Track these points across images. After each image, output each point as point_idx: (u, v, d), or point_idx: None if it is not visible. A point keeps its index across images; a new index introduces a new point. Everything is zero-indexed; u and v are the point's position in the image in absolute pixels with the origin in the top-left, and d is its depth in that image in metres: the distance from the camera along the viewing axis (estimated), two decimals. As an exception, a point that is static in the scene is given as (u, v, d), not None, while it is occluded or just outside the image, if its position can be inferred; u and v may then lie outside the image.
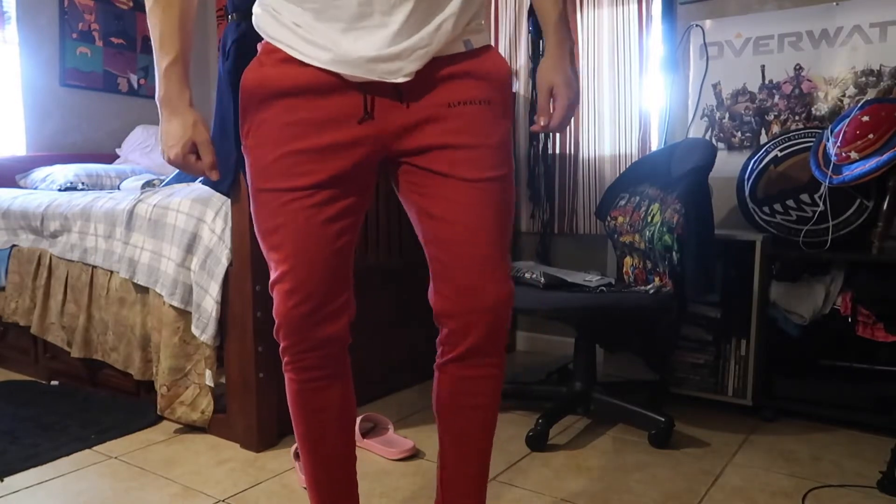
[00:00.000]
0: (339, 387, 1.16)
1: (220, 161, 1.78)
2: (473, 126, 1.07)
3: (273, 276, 1.09)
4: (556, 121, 1.17)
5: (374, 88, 1.04)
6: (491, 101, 1.10)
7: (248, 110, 1.08)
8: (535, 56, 2.83)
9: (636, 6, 2.60)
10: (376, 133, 1.06)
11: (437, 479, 1.22)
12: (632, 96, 2.65)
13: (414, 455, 1.86)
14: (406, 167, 1.10)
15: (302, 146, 1.04)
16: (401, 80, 1.02)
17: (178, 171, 2.58)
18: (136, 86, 3.68)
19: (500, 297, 1.08)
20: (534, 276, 2.00)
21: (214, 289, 1.88)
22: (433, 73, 1.05)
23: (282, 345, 1.12)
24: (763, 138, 2.43)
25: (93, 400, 2.27)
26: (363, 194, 1.12)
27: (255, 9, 1.10)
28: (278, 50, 1.05)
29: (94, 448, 1.90)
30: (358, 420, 1.88)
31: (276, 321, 1.10)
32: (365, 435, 1.94)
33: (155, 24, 1.05)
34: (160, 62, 1.05)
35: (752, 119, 2.45)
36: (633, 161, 2.57)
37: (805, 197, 2.16)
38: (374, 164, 1.11)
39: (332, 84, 1.04)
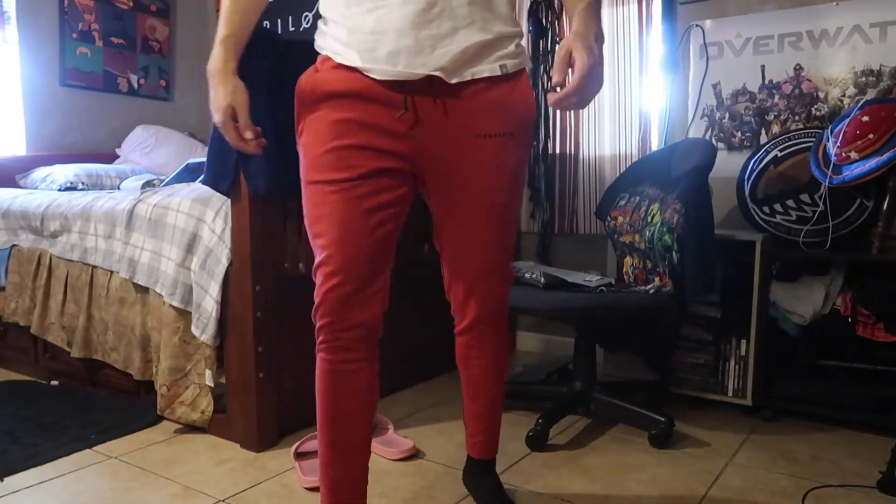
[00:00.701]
0: (368, 373, 1.23)
1: (219, 161, 1.79)
2: (493, 158, 1.22)
3: (317, 260, 1.18)
4: (573, 85, 1.06)
5: (413, 90, 1.16)
6: (514, 134, 1.23)
7: (302, 110, 1.21)
8: (535, 56, 2.83)
9: (636, 6, 2.60)
10: (416, 151, 1.18)
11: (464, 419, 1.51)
12: (632, 96, 2.65)
13: (414, 455, 1.86)
14: (430, 183, 1.25)
15: (348, 142, 1.15)
16: (430, 72, 1.12)
17: (177, 171, 2.58)
18: (136, 86, 3.68)
19: (485, 307, 1.34)
20: (534, 276, 2.00)
21: (214, 289, 1.88)
22: (471, 95, 1.18)
23: (318, 324, 1.18)
24: (763, 138, 2.43)
25: (93, 400, 2.27)
26: (407, 186, 1.22)
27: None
28: (329, 59, 1.19)
29: (94, 448, 1.91)
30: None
31: (316, 301, 1.18)
32: (365, 435, 1.94)
33: (225, 4, 1.19)
34: (217, 36, 1.18)
35: (752, 119, 2.45)
36: (633, 161, 2.57)
37: (805, 197, 2.16)
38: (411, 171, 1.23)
39: (376, 93, 1.15)
